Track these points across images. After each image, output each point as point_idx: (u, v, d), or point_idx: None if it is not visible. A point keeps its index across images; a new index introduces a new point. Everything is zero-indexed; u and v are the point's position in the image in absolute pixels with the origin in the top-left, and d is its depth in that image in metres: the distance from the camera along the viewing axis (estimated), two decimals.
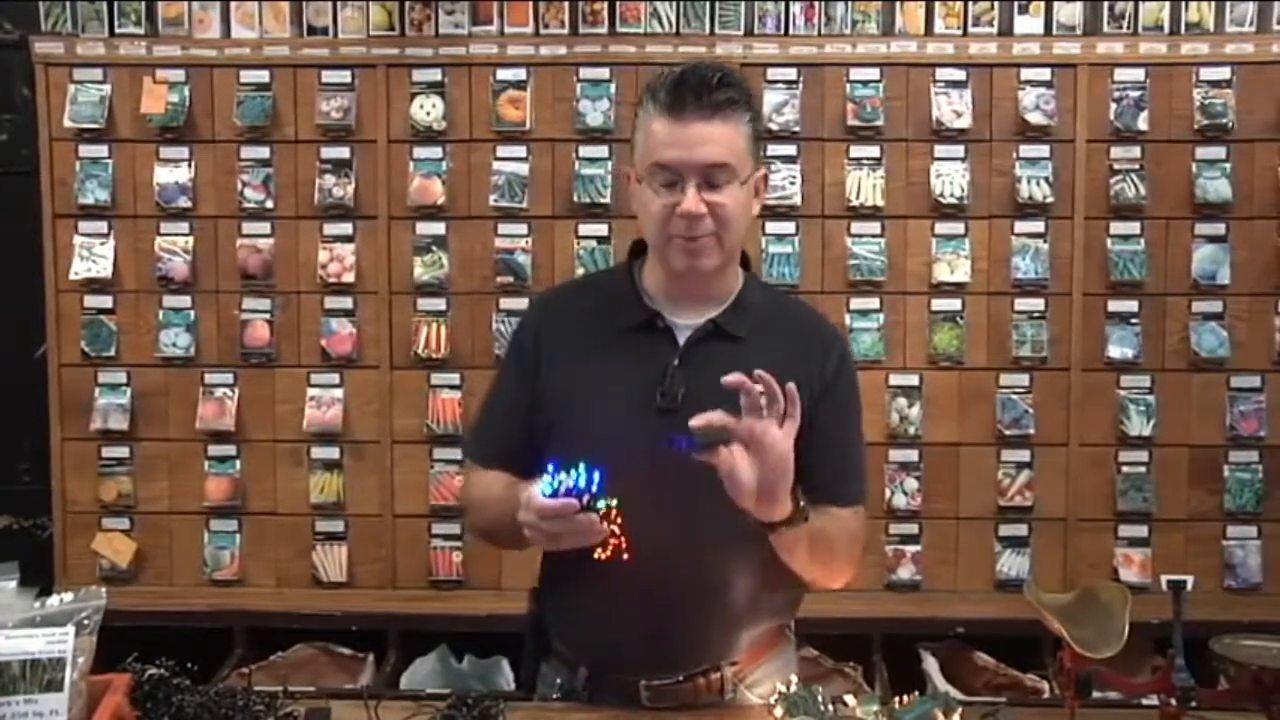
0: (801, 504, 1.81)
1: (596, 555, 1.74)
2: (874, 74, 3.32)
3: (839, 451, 2.01)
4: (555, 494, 1.71)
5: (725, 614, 1.93)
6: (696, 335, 1.96)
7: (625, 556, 1.72)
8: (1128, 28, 3.31)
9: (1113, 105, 3.29)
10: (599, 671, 2.00)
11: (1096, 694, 2.20)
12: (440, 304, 3.39)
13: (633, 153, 1.95)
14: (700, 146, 1.84)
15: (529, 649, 2.11)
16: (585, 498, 1.70)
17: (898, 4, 3.33)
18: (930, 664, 3.29)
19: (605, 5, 3.35)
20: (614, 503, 1.71)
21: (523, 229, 3.37)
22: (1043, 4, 3.31)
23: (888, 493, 3.34)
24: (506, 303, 3.35)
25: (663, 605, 1.84)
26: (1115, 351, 3.31)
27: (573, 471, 1.71)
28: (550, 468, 1.73)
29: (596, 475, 1.71)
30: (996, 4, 3.32)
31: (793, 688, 1.82)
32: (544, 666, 2.09)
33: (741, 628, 1.98)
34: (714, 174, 1.85)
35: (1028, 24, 3.32)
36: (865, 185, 3.32)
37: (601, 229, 3.34)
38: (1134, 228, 3.32)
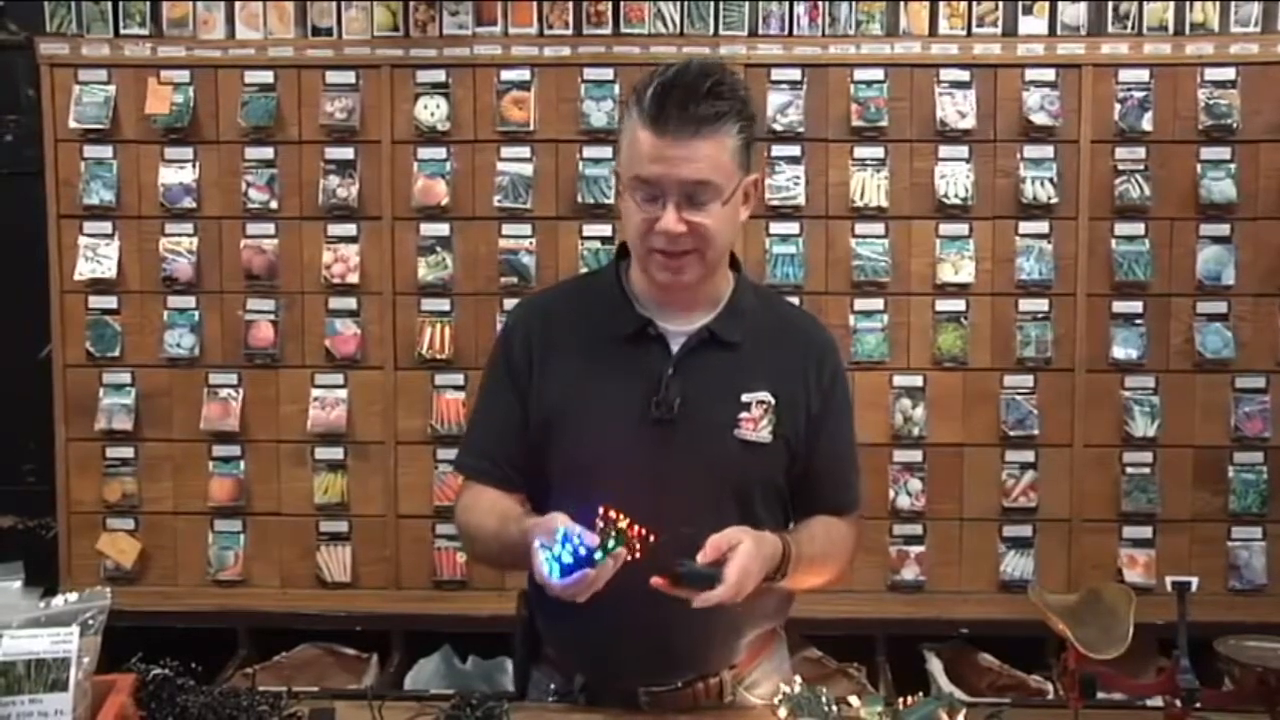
0: (780, 568, 1.84)
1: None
2: (878, 74, 3.31)
3: (840, 460, 2.03)
4: (566, 570, 1.66)
5: (723, 622, 1.90)
6: (690, 343, 1.91)
7: (652, 539, 1.69)
8: (1132, 28, 3.31)
9: (1117, 106, 3.29)
10: (596, 679, 1.98)
11: (1100, 695, 2.20)
12: (444, 305, 3.39)
13: (618, 154, 1.90)
14: (682, 165, 1.77)
15: (520, 653, 2.10)
16: (593, 558, 1.65)
17: (902, 4, 3.33)
18: (934, 665, 3.29)
19: (609, 6, 3.35)
20: (613, 543, 1.66)
21: (527, 229, 3.37)
22: (1047, 4, 3.31)
23: (891, 493, 3.34)
24: (511, 303, 3.34)
25: (661, 615, 1.82)
26: (1119, 352, 3.31)
27: (563, 545, 1.66)
28: (539, 547, 1.68)
29: (583, 537, 1.66)
30: (1000, 4, 3.32)
31: (796, 688, 1.82)
32: (535, 672, 2.08)
33: (738, 634, 1.97)
34: (696, 192, 1.79)
35: (1032, 24, 3.31)
36: (869, 186, 3.32)
37: (605, 229, 3.34)
38: (1138, 228, 3.31)
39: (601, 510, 1.68)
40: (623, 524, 1.68)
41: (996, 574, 3.36)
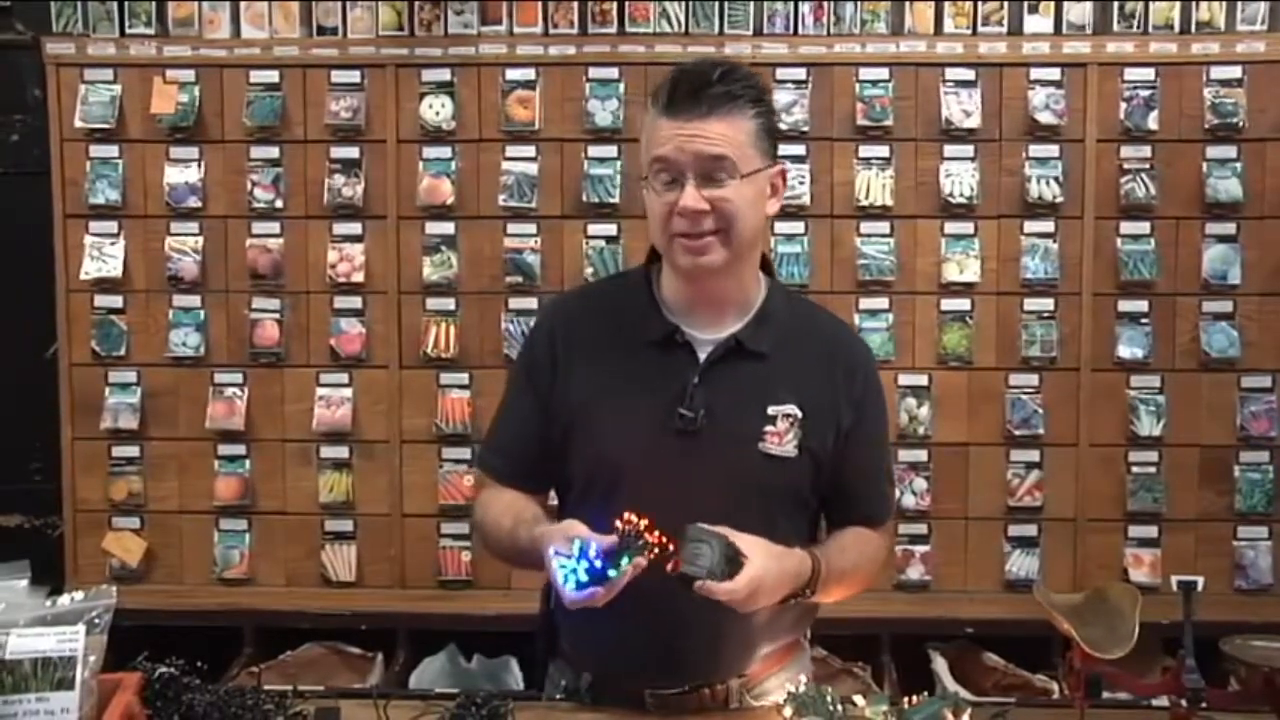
0: (809, 584, 1.84)
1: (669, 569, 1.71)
2: (883, 74, 3.31)
3: (872, 472, 2.02)
4: (582, 586, 1.66)
5: (739, 630, 1.90)
6: (717, 352, 1.89)
7: (670, 547, 1.69)
8: (1138, 27, 3.30)
9: (1123, 105, 3.29)
10: (604, 678, 1.98)
11: (1106, 694, 2.20)
12: (449, 304, 3.39)
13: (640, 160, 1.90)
14: (697, 140, 1.78)
15: (539, 647, 2.10)
16: (607, 574, 1.66)
17: (907, 3, 3.33)
18: (939, 664, 3.29)
19: (614, 5, 3.35)
20: (628, 558, 1.66)
21: (532, 229, 3.37)
22: (1052, 3, 3.30)
23: (897, 493, 3.33)
24: (515, 303, 3.35)
25: (676, 621, 1.83)
26: (1125, 351, 3.31)
27: (579, 559, 1.66)
28: (554, 554, 1.68)
29: (600, 548, 1.66)
30: (1006, 3, 3.32)
31: (801, 687, 1.82)
32: (551, 666, 2.08)
33: (753, 645, 1.96)
34: (713, 167, 1.79)
35: (1037, 23, 3.31)
36: (874, 185, 3.32)
37: (610, 229, 3.34)
38: (1144, 227, 3.31)
39: (623, 517, 1.69)
40: (642, 527, 1.68)
41: (1001, 573, 3.36)
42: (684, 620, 1.83)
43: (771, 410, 1.88)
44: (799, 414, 1.89)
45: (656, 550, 1.68)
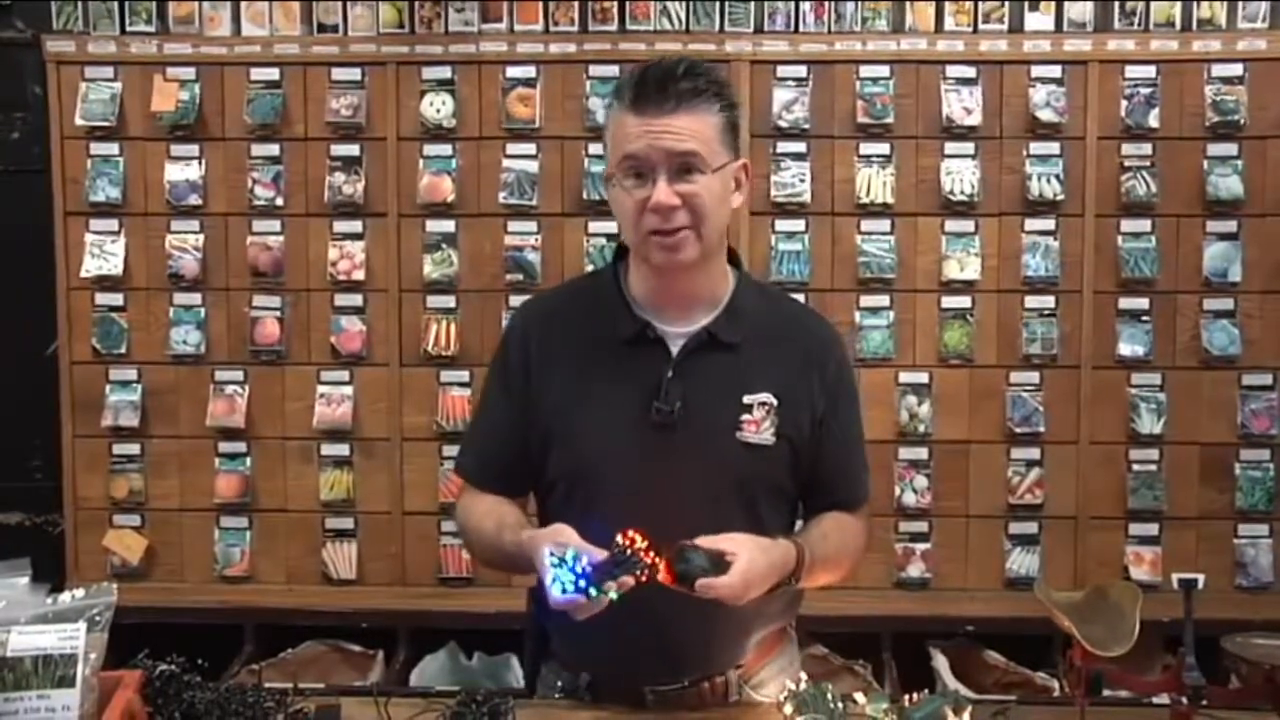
0: (794, 574, 1.85)
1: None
2: (884, 71, 3.31)
3: (848, 456, 2.03)
4: (565, 593, 1.68)
5: (729, 622, 1.90)
6: (690, 345, 1.91)
7: (660, 578, 1.71)
8: (1139, 24, 3.30)
9: (1124, 102, 3.28)
10: (602, 677, 1.98)
11: (1107, 692, 2.20)
12: (450, 301, 3.39)
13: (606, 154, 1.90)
14: (666, 137, 1.79)
15: (529, 649, 2.10)
16: (589, 592, 1.67)
17: (908, 1, 3.33)
18: (940, 662, 3.29)
19: (615, 3, 3.35)
20: (610, 588, 1.67)
21: (532, 226, 3.37)
22: (1053, 1, 3.30)
23: (897, 490, 3.33)
24: (516, 300, 3.34)
25: (666, 615, 1.82)
26: (1126, 349, 3.31)
27: (570, 568, 1.67)
28: (549, 553, 1.69)
29: (591, 561, 1.67)
30: (1006, 1, 3.31)
31: (802, 685, 1.82)
32: (544, 668, 2.08)
33: (745, 634, 1.97)
34: (682, 163, 1.80)
35: (1038, 21, 3.31)
36: (875, 183, 3.32)
37: (611, 226, 3.33)
38: (1145, 225, 3.31)
39: (620, 536, 1.69)
40: (641, 546, 1.68)
41: (1002, 571, 3.36)
42: (675, 616, 1.83)
43: (747, 399, 1.90)
44: (774, 402, 1.90)
45: (648, 573, 1.69)
